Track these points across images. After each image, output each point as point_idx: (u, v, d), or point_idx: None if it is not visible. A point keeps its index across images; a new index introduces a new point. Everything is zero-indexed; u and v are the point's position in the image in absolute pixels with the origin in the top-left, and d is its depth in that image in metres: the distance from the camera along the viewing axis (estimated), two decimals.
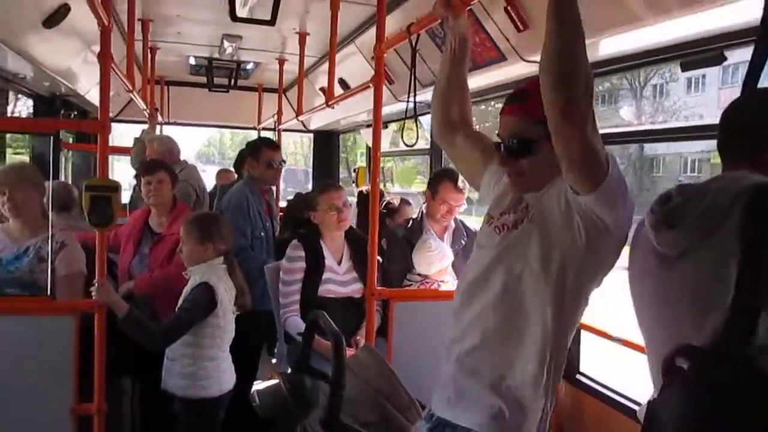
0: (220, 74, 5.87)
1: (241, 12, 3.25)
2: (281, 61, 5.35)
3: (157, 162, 3.65)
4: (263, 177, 3.88)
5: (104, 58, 2.38)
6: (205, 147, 43.80)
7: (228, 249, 2.80)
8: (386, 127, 5.12)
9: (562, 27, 1.31)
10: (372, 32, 3.04)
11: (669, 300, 1.39)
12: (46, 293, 2.62)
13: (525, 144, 1.59)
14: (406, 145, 2.71)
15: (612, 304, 2.58)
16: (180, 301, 2.68)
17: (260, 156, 3.85)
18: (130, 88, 3.55)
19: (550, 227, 1.57)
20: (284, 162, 4.06)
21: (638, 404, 2.63)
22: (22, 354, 2.39)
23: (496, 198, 1.78)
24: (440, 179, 3.36)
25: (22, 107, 4.51)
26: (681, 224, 1.30)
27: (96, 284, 2.42)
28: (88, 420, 2.45)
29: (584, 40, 1.33)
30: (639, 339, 1.55)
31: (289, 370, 3.39)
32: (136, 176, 3.51)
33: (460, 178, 3.24)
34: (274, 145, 4.03)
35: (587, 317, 1.78)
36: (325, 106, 3.83)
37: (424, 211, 3.43)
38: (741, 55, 1.86)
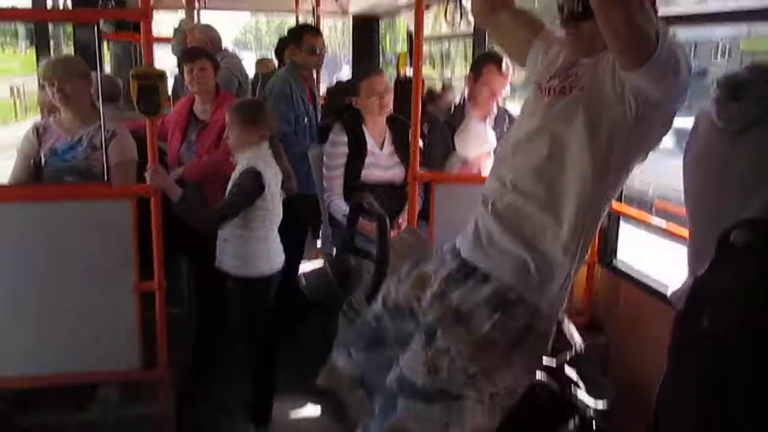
0: None
1: None
2: None
3: (198, 49, 3.66)
4: (306, 63, 3.86)
5: None
6: (241, 34, 43.24)
7: (273, 134, 2.85)
8: (428, 8, 4.96)
9: None
10: None
11: (723, 179, 1.40)
12: (103, 180, 2.74)
13: (588, 7, 1.51)
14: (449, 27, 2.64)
15: None
16: (229, 186, 2.78)
17: (302, 42, 3.81)
18: None
19: (601, 96, 1.54)
20: (326, 48, 4.02)
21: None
22: (85, 238, 2.53)
23: (545, 66, 1.75)
24: (483, 62, 3.29)
25: None
26: (746, 96, 1.29)
27: (149, 170, 2.51)
28: (150, 297, 2.62)
29: None
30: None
31: (334, 252, 3.54)
32: (179, 65, 3.53)
33: (504, 61, 3.17)
34: (316, 31, 3.98)
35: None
36: None
37: (466, 96, 3.39)
38: None
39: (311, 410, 3.19)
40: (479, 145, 3.25)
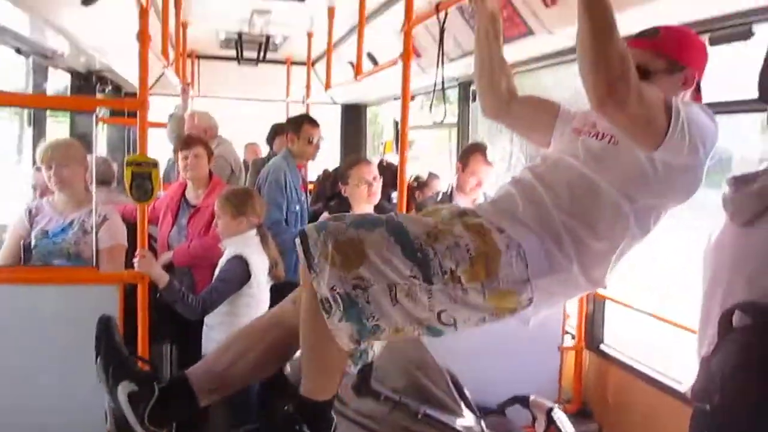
0: (250, 48, 5.95)
1: None
2: (310, 35, 5.39)
3: (194, 137, 3.76)
4: (302, 152, 3.92)
5: (143, 38, 2.47)
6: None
7: (261, 222, 2.90)
8: (413, 99, 5.15)
9: (592, 15, 1.36)
10: (400, 6, 3.07)
11: (733, 268, 1.47)
12: (91, 264, 2.75)
13: (644, 72, 1.57)
14: (434, 122, 2.75)
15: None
16: (216, 273, 2.80)
17: (301, 132, 3.89)
18: (166, 64, 3.64)
19: (631, 151, 1.55)
20: (323, 139, 4.12)
21: (660, 374, 2.70)
22: (69, 321, 2.51)
23: (578, 118, 1.77)
24: (470, 152, 3.42)
25: (59, 84, 4.63)
26: (751, 189, 1.39)
27: (138, 256, 2.53)
28: None
29: (614, 23, 1.36)
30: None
31: None
32: (174, 150, 3.62)
33: (488, 151, 3.30)
34: (315, 122, 4.09)
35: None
36: (353, 80, 3.88)
37: (454, 185, 3.49)
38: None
39: None
40: None
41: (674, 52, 1.64)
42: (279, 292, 2.94)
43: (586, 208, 1.58)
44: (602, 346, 3.12)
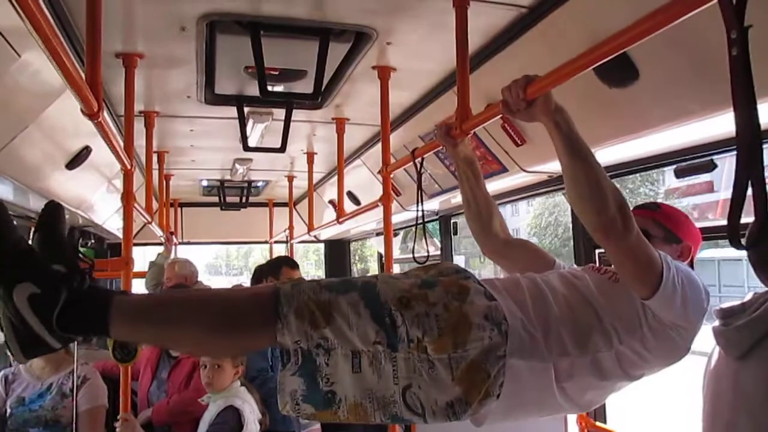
0: (232, 193, 6.07)
1: (253, 141, 3.43)
2: (290, 178, 5.54)
3: (173, 288, 3.74)
4: None
5: (128, 199, 2.52)
6: (213, 260, 45.19)
7: (244, 373, 2.85)
8: (396, 234, 5.24)
9: (573, 160, 1.43)
10: (377, 147, 3.19)
11: (732, 401, 1.44)
12: (69, 429, 2.63)
13: (645, 235, 1.59)
14: (415, 261, 2.77)
15: None
16: (203, 428, 2.68)
17: (281, 275, 3.91)
18: (149, 219, 3.69)
19: (629, 295, 1.57)
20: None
21: None
22: None
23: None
24: None
25: None
26: (738, 323, 1.39)
27: (121, 420, 2.43)
28: None
29: (598, 166, 1.43)
30: None
31: None
32: None
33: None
34: (294, 264, 4.10)
35: None
36: (335, 222, 3.95)
37: None
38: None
39: None
40: None
41: (672, 225, 1.78)
42: None
43: (578, 318, 1.57)
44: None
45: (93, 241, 5.46)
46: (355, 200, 4.89)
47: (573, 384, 1.55)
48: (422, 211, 2.50)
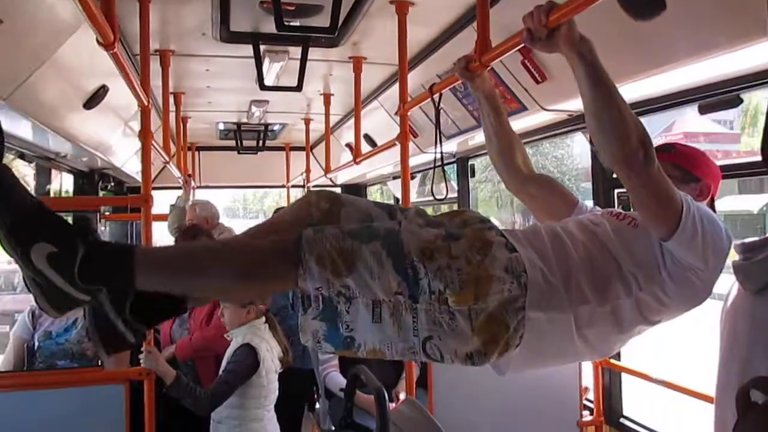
0: (249, 137, 6.06)
1: (269, 80, 3.40)
2: (307, 121, 5.51)
3: (195, 227, 3.78)
4: None
5: (145, 136, 2.51)
6: (230, 203, 45.63)
7: (267, 309, 2.87)
8: (413, 178, 5.21)
9: (597, 92, 1.40)
10: (395, 88, 3.15)
11: (749, 336, 1.43)
12: (96, 363, 2.71)
13: None
14: (435, 199, 2.77)
15: None
16: (224, 364, 2.75)
17: None
18: (167, 159, 3.70)
19: (648, 240, 1.57)
20: None
21: None
22: (76, 423, 2.44)
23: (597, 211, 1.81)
24: None
25: (62, 183, 4.69)
26: (759, 257, 1.38)
27: (144, 352, 2.50)
28: None
29: (621, 98, 1.40)
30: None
31: (332, 427, 3.41)
32: (175, 241, 3.63)
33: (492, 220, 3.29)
34: None
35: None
36: (352, 163, 3.94)
37: None
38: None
39: None
40: None
41: (688, 165, 1.75)
42: (286, 381, 2.90)
43: (598, 265, 1.56)
44: (622, 420, 3.03)
45: (113, 184, 5.51)
46: (372, 143, 4.85)
47: (593, 332, 1.55)
48: (441, 151, 2.48)
